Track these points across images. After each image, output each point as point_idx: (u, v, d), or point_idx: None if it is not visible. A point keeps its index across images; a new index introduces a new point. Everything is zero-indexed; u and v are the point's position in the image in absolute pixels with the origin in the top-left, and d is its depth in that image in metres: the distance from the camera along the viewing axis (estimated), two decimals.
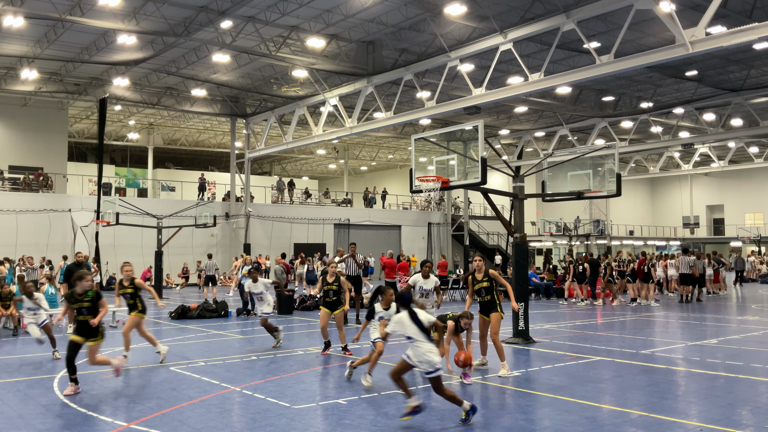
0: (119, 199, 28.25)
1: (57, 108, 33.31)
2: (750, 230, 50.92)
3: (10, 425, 6.87)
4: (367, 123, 27.82)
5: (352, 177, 55.37)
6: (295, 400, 7.91)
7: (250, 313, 18.06)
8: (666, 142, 34.62)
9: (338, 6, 21.04)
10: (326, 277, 11.20)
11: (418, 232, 43.46)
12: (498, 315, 9.59)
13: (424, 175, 12.45)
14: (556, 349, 11.72)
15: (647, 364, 10.21)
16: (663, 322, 16.52)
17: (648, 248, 56.62)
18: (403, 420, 6.87)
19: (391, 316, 7.92)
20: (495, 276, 9.80)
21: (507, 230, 13.25)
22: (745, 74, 28.05)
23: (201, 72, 28.41)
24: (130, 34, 22.11)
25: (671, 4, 16.58)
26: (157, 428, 6.71)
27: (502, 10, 20.76)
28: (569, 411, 7.32)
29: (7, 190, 30.37)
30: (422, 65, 24.04)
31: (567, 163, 14.54)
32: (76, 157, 41.25)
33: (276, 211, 37.45)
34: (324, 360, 10.84)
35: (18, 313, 14.51)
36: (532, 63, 24.50)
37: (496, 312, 9.62)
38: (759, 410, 7.37)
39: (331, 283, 11.03)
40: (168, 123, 40.50)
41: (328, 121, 32.49)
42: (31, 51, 25.45)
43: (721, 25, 19.18)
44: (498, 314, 9.59)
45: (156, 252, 24.80)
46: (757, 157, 41.75)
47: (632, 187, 56.66)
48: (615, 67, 18.35)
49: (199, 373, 9.56)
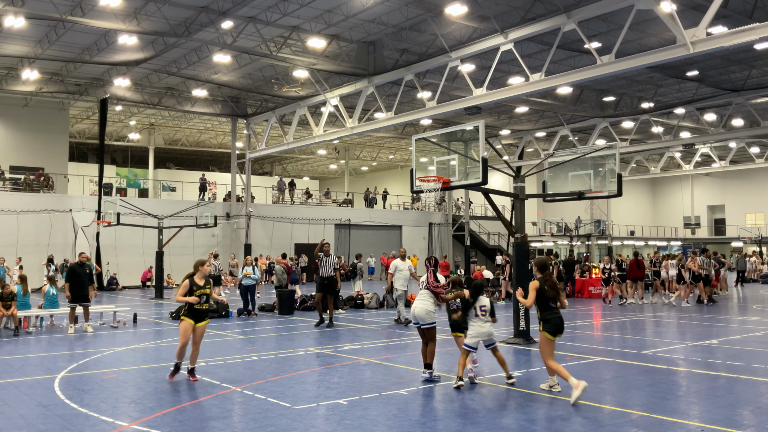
0: (120, 200, 28.27)
1: (58, 108, 33.33)
2: (751, 230, 50.89)
3: (11, 425, 6.87)
4: (367, 123, 27.82)
5: (352, 177, 55.41)
6: (296, 400, 7.91)
7: (251, 313, 18.08)
8: (667, 142, 34.60)
9: (339, 6, 21.04)
10: (195, 279, 9.18)
11: (419, 233, 43.46)
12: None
13: (425, 175, 12.45)
14: (557, 350, 11.68)
15: (648, 365, 10.20)
16: (664, 322, 16.51)
17: (649, 248, 56.63)
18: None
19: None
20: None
21: (508, 230, 13.25)
22: (746, 74, 28.04)
23: (202, 72, 28.42)
24: (131, 34, 22.12)
25: (672, 5, 16.57)
26: (158, 428, 6.71)
27: (503, 11, 20.76)
28: (570, 411, 7.32)
29: (8, 190, 30.38)
30: (423, 65, 24.04)
31: (568, 164, 14.53)
32: (77, 157, 41.33)
33: (277, 211, 37.46)
34: (325, 360, 10.83)
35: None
36: (533, 63, 24.50)
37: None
38: (760, 410, 7.36)
39: (203, 286, 9.17)
40: (169, 123, 40.52)
41: (328, 122, 32.51)
42: (32, 51, 25.47)
43: (722, 25, 19.18)
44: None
45: (157, 252, 24.81)
46: (758, 158, 41.71)
47: (633, 188, 56.65)
48: (616, 67, 18.34)
49: (199, 373, 9.56)
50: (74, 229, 30.73)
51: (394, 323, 15.96)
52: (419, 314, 8.99)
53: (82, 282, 14.85)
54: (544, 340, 8.11)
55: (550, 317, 8.08)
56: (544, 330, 8.09)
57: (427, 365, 9.07)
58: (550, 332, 8.07)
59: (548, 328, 8.06)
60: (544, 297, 8.12)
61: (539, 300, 8.13)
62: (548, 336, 8.05)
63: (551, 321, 8.07)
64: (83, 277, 14.92)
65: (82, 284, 14.84)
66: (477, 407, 7.55)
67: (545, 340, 8.08)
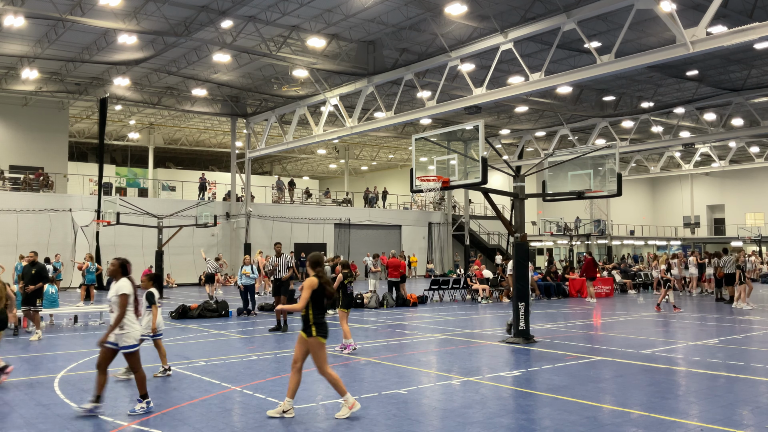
0: (120, 199, 28.27)
1: (57, 108, 33.32)
2: (751, 230, 50.87)
3: (10, 425, 6.87)
4: (367, 123, 27.81)
5: (352, 177, 55.38)
6: (295, 400, 7.90)
7: (250, 313, 18.07)
8: (667, 141, 34.62)
9: (339, 6, 21.03)
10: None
11: (419, 232, 43.46)
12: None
13: (425, 174, 12.45)
14: (557, 349, 11.72)
15: (648, 364, 10.20)
16: (663, 322, 16.51)
17: (649, 248, 56.66)
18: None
19: None
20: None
21: (508, 230, 13.25)
22: (746, 74, 28.05)
23: (201, 72, 28.42)
24: (131, 33, 22.11)
25: (672, 4, 16.57)
26: (158, 428, 6.71)
27: (503, 10, 20.76)
28: (570, 411, 7.32)
29: (7, 189, 30.37)
30: (423, 65, 24.04)
31: (567, 163, 14.53)
32: (77, 156, 41.32)
33: (276, 210, 37.46)
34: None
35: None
36: (533, 63, 24.51)
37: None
38: (759, 410, 7.37)
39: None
40: (168, 123, 40.51)
41: (328, 121, 32.51)
42: (32, 51, 25.46)
43: (721, 24, 19.19)
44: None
45: (156, 252, 24.79)
46: (758, 157, 41.75)
47: (633, 187, 56.65)
48: (616, 66, 18.34)
49: (199, 372, 9.56)
50: (74, 228, 30.73)
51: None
52: None
53: (28, 283, 13.97)
54: (317, 345, 7.09)
55: (323, 320, 7.19)
56: (318, 335, 7.09)
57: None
58: (324, 335, 7.17)
59: (322, 331, 7.13)
60: (320, 297, 7.19)
61: (315, 300, 7.15)
62: (322, 340, 7.13)
63: (324, 324, 7.20)
64: (29, 278, 14.02)
65: (30, 284, 13.97)
66: (476, 407, 7.55)
67: (319, 344, 7.09)
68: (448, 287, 23.17)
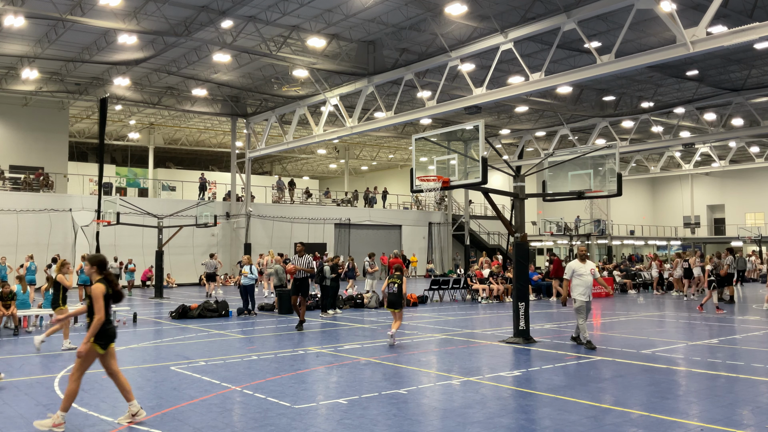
0: (120, 199, 28.24)
1: (58, 108, 33.32)
2: (751, 230, 50.85)
3: (10, 425, 6.87)
4: (367, 123, 27.81)
5: (352, 177, 55.39)
6: (295, 399, 7.90)
7: (250, 312, 18.08)
8: (667, 141, 34.62)
9: (339, 6, 21.04)
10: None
11: (419, 232, 43.46)
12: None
13: (425, 174, 12.45)
14: (557, 349, 11.72)
15: (648, 364, 10.20)
16: (663, 321, 16.51)
17: (649, 248, 56.66)
18: None
19: None
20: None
21: (508, 230, 13.25)
22: (746, 74, 28.05)
23: (201, 72, 28.42)
24: (131, 33, 22.12)
25: (672, 4, 16.58)
26: (158, 428, 6.71)
27: (503, 10, 20.76)
28: (570, 411, 7.32)
29: (7, 189, 30.38)
30: (423, 65, 24.04)
31: (568, 163, 14.53)
32: (77, 156, 41.33)
33: (277, 210, 37.46)
34: (325, 359, 10.83)
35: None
36: (533, 63, 24.51)
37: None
38: (759, 410, 7.36)
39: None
40: (168, 123, 40.51)
41: (328, 121, 32.51)
42: (32, 51, 25.46)
43: (721, 24, 19.19)
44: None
45: (156, 252, 24.80)
46: (758, 157, 41.73)
47: (633, 187, 56.64)
48: (616, 66, 18.34)
49: (199, 372, 9.57)
50: (74, 228, 30.73)
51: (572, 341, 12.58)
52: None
53: None
54: (93, 353, 6.59)
55: (110, 326, 6.70)
56: (96, 342, 6.56)
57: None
58: (104, 345, 6.65)
59: (103, 339, 6.61)
60: (108, 302, 6.70)
61: (105, 306, 6.60)
62: (99, 349, 6.62)
63: (110, 330, 6.70)
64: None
65: None
66: (476, 407, 7.55)
67: (94, 353, 6.60)
68: (448, 287, 23.17)
